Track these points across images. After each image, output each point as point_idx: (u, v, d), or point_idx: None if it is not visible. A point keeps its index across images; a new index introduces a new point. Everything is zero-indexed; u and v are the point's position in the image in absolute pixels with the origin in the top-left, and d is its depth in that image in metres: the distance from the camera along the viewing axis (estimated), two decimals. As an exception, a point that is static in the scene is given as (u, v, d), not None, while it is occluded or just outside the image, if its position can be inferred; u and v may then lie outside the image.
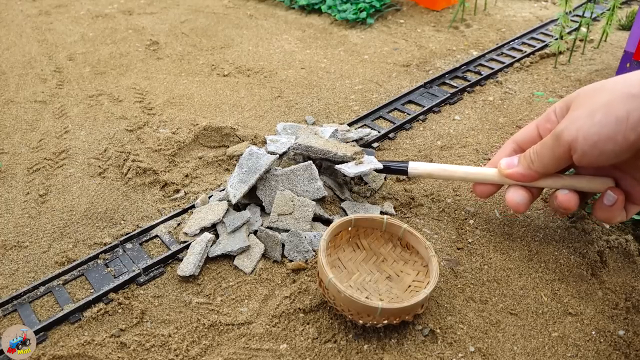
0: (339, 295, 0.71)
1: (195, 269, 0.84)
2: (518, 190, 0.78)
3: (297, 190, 0.90)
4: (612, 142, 0.62)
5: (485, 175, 0.81)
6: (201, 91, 1.41)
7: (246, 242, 0.87)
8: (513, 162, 0.77)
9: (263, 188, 0.93)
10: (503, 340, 0.74)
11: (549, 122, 0.74)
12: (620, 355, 0.72)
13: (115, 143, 1.19)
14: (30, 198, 1.03)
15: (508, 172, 0.76)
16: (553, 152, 0.69)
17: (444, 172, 0.84)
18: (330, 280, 0.70)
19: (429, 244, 0.79)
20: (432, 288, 0.72)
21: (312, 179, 0.91)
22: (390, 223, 0.83)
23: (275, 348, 0.73)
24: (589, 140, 0.63)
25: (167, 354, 0.73)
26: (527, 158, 0.74)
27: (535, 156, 0.72)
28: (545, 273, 0.84)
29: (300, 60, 1.57)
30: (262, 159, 0.93)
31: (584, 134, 0.64)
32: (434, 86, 1.39)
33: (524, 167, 0.74)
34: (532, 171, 0.74)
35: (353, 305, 0.70)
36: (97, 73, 1.51)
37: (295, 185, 0.91)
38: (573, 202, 0.75)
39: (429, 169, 0.87)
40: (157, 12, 1.97)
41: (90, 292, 0.83)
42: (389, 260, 0.84)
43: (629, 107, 0.60)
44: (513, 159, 0.77)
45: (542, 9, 1.94)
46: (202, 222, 0.91)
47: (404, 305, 0.70)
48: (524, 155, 0.76)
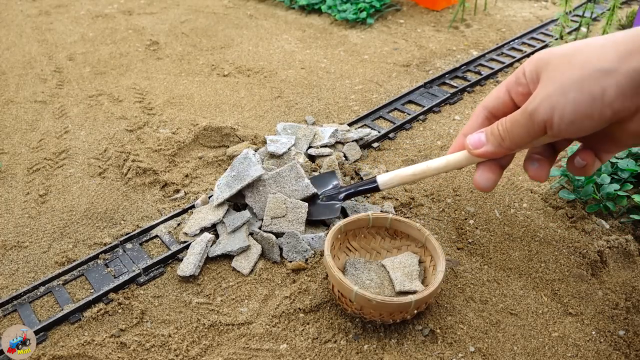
0: (369, 304, 0.71)
1: (195, 269, 0.84)
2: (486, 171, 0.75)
3: (286, 191, 0.90)
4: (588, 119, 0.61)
5: (456, 161, 0.77)
6: (201, 91, 1.41)
7: (246, 242, 0.87)
8: (481, 140, 0.73)
9: (252, 195, 0.92)
10: (503, 340, 0.74)
11: (520, 85, 0.71)
12: (620, 355, 0.72)
13: (115, 143, 1.19)
14: (30, 198, 1.03)
15: (477, 152, 0.73)
16: (527, 130, 0.67)
17: (415, 176, 0.80)
18: (357, 293, 0.70)
19: (420, 225, 0.81)
20: (444, 264, 0.75)
21: (299, 177, 0.91)
22: (376, 217, 0.84)
23: (275, 348, 0.73)
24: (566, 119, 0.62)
25: (167, 354, 0.73)
26: (496, 136, 0.71)
27: (507, 134, 0.69)
28: (545, 273, 0.84)
29: (300, 60, 1.57)
30: (251, 169, 0.92)
31: (559, 113, 0.63)
32: (434, 86, 1.39)
33: (495, 146, 0.71)
34: (504, 148, 0.71)
35: (386, 308, 0.71)
36: (97, 73, 1.51)
37: (284, 187, 0.91)
38: (543, 174, 0.73)
39: (399, 177, 0.82)
40: (157, 12, 1.97)
41: (90, 292, 0.83)
42: (382, 253, 0.86)
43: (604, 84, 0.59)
44: (480, 137, 0.73)
45: (542, 9, 1.94)
46: (202, 222, 0.91)
47: (432, 289, 0.71)
48: (491, 133, 0.72)
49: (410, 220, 0.83)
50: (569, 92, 0.61)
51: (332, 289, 0.77)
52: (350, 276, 0.80)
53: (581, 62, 0.62)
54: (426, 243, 0.81)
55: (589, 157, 0.73)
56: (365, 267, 0.82)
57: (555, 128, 0.64)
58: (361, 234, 0.87)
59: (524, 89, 0.71)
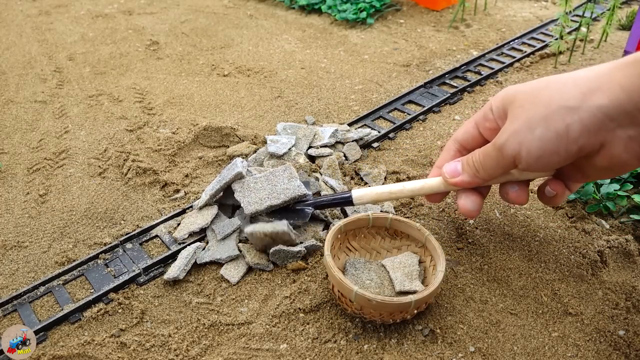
0: (369, 304, 0.71)
1: (180, 272, 0.83)
2: (469, 196, 0.77)
3: (277, 189, 0.89)
4: (555, 155, 0.64)
5: (431, 186, 0.80)
6: (201, 91, 1.41)
7: (235, 250, 0.86)
8: (457, 169, 0.76)
9: (241, 190, 0.90)
10: (503, 340, 0.74)
11: (487, 120, 0.74)
12: (620, 355, 0.72)
13: (115, 143, 1.19)
14: (30, 198, 1.03)
15: (454, 181, 0.76)
16: (497, 163, 0.70)
17: (391, 195, 0.82)
18: (357, 293, 0.70)
19: (420, 225, 0.82)
20: (444, 264, 0.75)
21: (292, 177, 0.90)
22: (376, 217, 0.84)
23: (275, 348, 0.73)
24: (533, 155, 0.65)
25: (167, 354, 0.73)
26: (471, 167, 0.74)
27: (480, 165, 0.72)
28: (545, 273, 0.84)
29: (300, 60, 1.57)
30: (231, 173, 0.91)
31: (527, 149, 0.65)
32: (434, 86, 1.39)
33: (470, 176, 0.74)
34: (479, 179, 0.74)
35: (386, 308, 0.71)
36: (97, 73, 1.51)
37: (276, 185, 0.90)
38: (523, 197, 0.76)
39: (374, 194, 0.83)
40: (157, 12, 1.97)
41: (90, 292, 0.83)
42: (382, 253, 0.86)
43: (568, 121, 0.61)
44: (456, 166, 0.76)
45: (542, 9, 1.94)
46: (191, 227, 0.91)
47: (432, 289, 0.71)
48: (467, 163, 0.75)
49: (410, 220, 0.83)
50: (536, 129, 0.63)
51: (332, 289, 0.77)
52: (350, 276, 0.80)
53: (546, 100, 0.63)
54: (426, 243, 0.81)
55: (559, 187, 0.75)
56: (365, 267, 0.82)
57: (524, 162, 0.66)
58: (361, 234, 0.87)
59: (491, 124, 0.74)
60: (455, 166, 0.76)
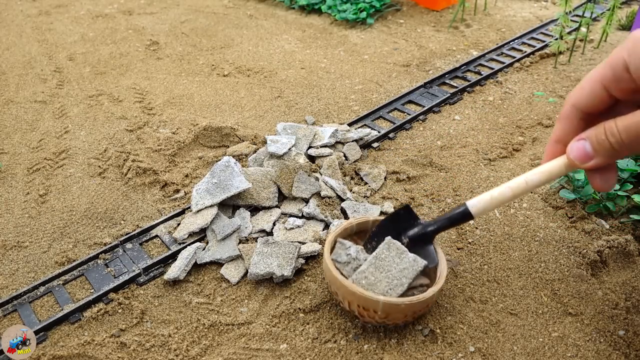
0: (397, 309, 0.70)
1: (180, 272, 0.83)
2: (604, 175, 0.65)
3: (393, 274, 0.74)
4: None
5: (559, 172, 0.68)
6: (201, 91, 1.41)
7: (236, 251, 0.86)
8: (587, 152, 0.64)
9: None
10: (503, 340, 0.74)
11: (622, 81, 0.60)
12: (620, 355, 0.72)
13: (115, 143, 1.19)
14: (30, 198, 1.03)
15: (588, 166, 0.64)
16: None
17: (505, 196, 0.71)
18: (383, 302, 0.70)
19: None
20: (444, 263, 0.75)
21: (400, 252, 0.76)
22: (376, 220, 0.83)
23: (275, 348, 0.73)
24: None
25: (167, 354, 0.73)
26: (607, 148, 0.61)
27: (628, 140, 0.60)
28: (545, 273, 0.84)
29: (300, 60, 1.57)
30: (235, 179, 0.91)
31: None
32: (434, 86, 1.39)
33: (607, 157, 0.62)
34: (619, 157, 0.62)
35: (412, 308, 0.70)
36: (97, 73, 1.51)
37: (389, 270, 0.75)
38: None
39: (490, 201, 0.72)
40: (157, 12, 1.97)
41: (90, 292, 0.83)
42: None
43: None
44: (585, 147, 0.64)
45: (542, 9, 1.94)
46: (190, 227, 0.91)
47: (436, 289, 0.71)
48: (599, 143, 0.63)
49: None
50: None
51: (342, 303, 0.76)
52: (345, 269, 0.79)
53: None
54: None
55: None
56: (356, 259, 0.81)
57: None
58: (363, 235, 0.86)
59: (627, 85, 0.61)
60: (584, 147, 0.64)
